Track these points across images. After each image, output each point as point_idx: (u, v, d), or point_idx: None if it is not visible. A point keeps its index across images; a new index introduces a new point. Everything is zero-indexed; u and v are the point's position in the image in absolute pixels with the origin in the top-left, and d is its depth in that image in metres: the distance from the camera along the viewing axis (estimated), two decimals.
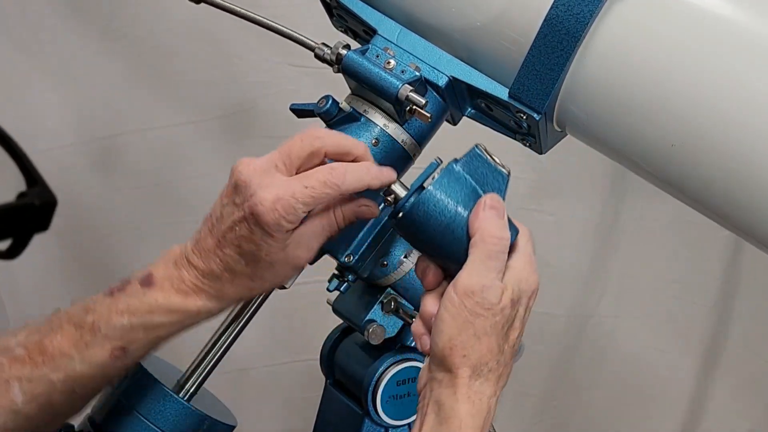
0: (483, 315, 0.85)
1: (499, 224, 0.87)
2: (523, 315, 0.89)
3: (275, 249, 0.89)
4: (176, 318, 0.91)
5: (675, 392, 1.96)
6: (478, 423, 0.85)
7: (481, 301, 0.85)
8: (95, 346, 0.89)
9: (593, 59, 0.93)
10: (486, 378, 0.86)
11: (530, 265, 0.89)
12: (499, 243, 0.86)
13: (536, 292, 0.89)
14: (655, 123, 0.92)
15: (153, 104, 1.80)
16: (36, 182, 0.88)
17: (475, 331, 0.85)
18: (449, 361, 0.86)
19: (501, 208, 0.88)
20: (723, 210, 0.95)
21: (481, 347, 0.85)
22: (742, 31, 0.91)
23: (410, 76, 0.99)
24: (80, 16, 1.76)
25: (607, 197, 1.88)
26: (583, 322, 1.94)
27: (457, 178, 0.90)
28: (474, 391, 0.85)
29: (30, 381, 0.88)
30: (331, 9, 1.09)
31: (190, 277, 0.91)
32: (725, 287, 1.89)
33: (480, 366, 0.86)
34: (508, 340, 0.87)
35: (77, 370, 0.89)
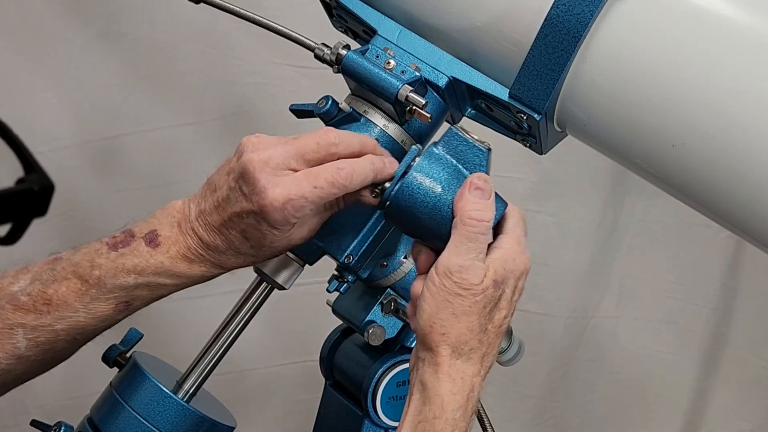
0: (462, 295, 0.86)
1: (481, 205, 0.88)
2: (511, 296, 0.90)
3: (280, 238, 0.92)
4: (180, 281, 0.95)
5: (676, 394, 1.96)
6: (460, 401, 0.87)
7: (459, 281, 0.86)
8: (100, 301, 0.93)
9: (594, 59, 0.93)
10: (468, 357, 0.87)
11: (518, 245, 0.90)
12: (479, 225, 0.88)
13: (525, 273, 0.90)
14: (656, 123, 0.92)
15: (152, 105, 1.81)
16: (33, 169, 0.90)
17: (453, 310, 0.87)
18: (429, 339, 0.87)
19: (487, 188, 0.89)
20: (724, 211, 0.95)
21: (460, 326, 0.87)
22: (745, 30, 0.91)
23: (410, 77, 0.99)
24: (79, 16, 1.76)
25: (607, 198, 1.88)
26: (583, 323, 1.94)
27: (438, 159, 0.92)
28: (456, 369, 0.87)
29: (34, 329, 0.92)
30: (330, 9, 1.09)
31: (194, 245, 0.94)
32: (726, 288, 1.89)
33: (460, 345, 0.87)
34: (493, 321, 0.89)
35: (81, 321, 0.93)
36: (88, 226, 1.85)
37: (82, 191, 1.82)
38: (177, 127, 1.82)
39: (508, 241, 0.90)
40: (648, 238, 1.90)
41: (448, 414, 0.86)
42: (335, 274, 1.07)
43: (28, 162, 0.85)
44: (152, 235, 0.94)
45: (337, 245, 1.03)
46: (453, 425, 0.86)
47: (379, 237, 1.04)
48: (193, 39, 1.77)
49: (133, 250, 0.94)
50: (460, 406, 0.87)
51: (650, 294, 1.93)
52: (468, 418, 0.88)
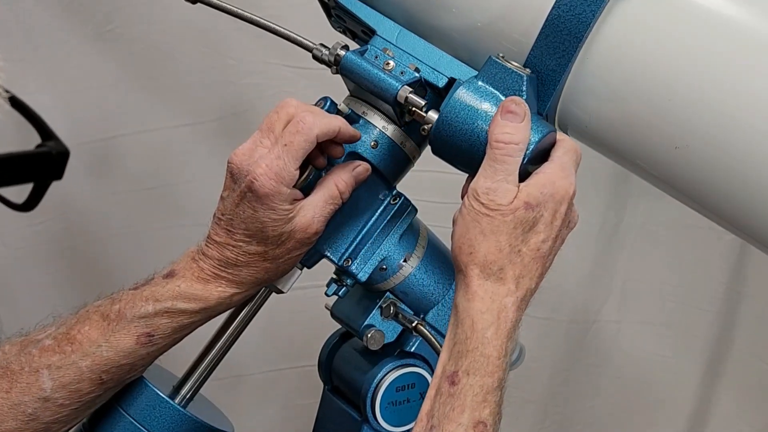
0: (489, 215, 0.89)
1: (510, 128, 0.91)
2: (551, 220, 0.91)
3: (280, 221, 0.94)
4: (198, 305, 0.96)
5: (679, 398, 1.96)
6: (489, 319, 0.89)
7: (486, 202, 0.89)
8: (121, 332, 0.95)
9: (596, 60, 0.93)
10: (498, 277, 0.90)
11: (561, 171, 0.92)
12: (506, 147, 0.90)
13: (568, 199, 0.92)
14: (659, 125, 0.93)
15: (148, 106, 1.81)
16: (50, 137, 0.95)
17: (481, 229, 0.89)
18: (459, 260, 0.91)
19: (520, 110, 0.92)
20: (728, 213, 0.95)
21: (488, 245, 0.89)
22: (749, 31, 0.91)
23: (409, 78, 0.99)
24: (73, 16, 1.76)
25: (609, 200, 1.88)
26: (585, 327, 1.93)
27: (477, 89, 0.94)
28: (484, 289, 0.90)
29: (59, 368, 0.94)
30: (329, 9, 1.09)
31: (207, 266, 0.96)
32: (730, 292, 1.89)
33: (488, 264, 0.89)
34: (528, 243, 0.90)
35: (104, 356, 0.94)
36: (84, 228, 1.84)
37: (78, 193, 1.82)
38: (174, 129, 1.82)
39: (551, 166, 0.92)
40: (650, 240, 1.90)
41: (479, 333, 0.88)
42: (334, 278, 1.07)
43: (45, 131, 0.89)
44: (169, 271, 0.98)
45: (335, 248, 1.03)
46: (484, 343, 0.88)
47: (378, 240, 1.04)
48: (190, 39, 1.77)
49: (151, 284, 0.98)
50: (490, 324, 0.89)
51: (653, 298, 1.92)
52: (502, 338, 0.89)
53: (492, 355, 0.88)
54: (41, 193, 0.87)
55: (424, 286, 1.09)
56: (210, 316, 0.98)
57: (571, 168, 0.93)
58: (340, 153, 1.00)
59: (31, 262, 1.86)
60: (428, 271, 1.08)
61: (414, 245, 1.08)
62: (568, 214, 0.93)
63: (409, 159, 1.05)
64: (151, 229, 1.85)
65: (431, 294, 1.09)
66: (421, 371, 1.10)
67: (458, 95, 0.94)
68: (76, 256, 1.86)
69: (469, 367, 0.88)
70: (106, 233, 1.86)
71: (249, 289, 0.98)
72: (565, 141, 0.94)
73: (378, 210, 1.05)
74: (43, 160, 0.89)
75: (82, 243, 1.86)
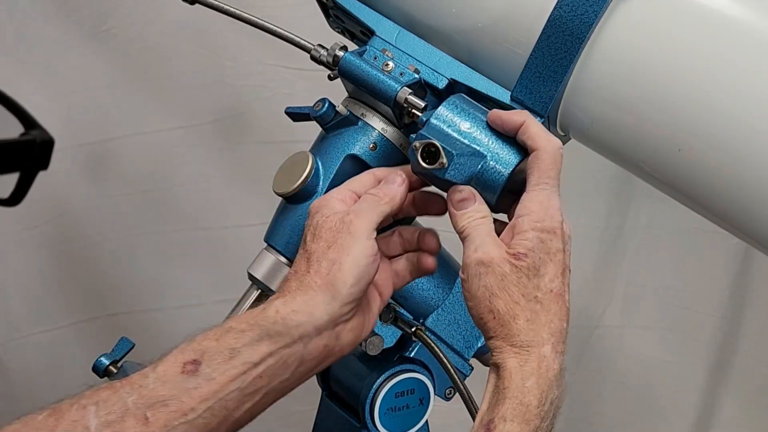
0: (489, 273, 0.89)
1: (467, 215, 0.92)
2: (550, 257, 0.91)
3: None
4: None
5: (683, 404, 1.96)
6: (530, 371, 0.88)
7: (477, 265, 0.90)
8: (167, 359, 0.90)
9: (598, 61, 0.93)
10: (529, 329, 0.89)
11: (540, 206, 0.91)
12: (473, 228, 0.92)
13: (558, 227, 0.92)
14: (662, 127, 0.93)
15: (143, 108, 1.81)
16: (33, 125, 0.93)
17: (490, 289, 0.89)
18: (487, 327, 0.90)
19: (468, 196, 0.92)
20: (732, 217, 0.95)
21: (504, 301, 0.89)
22: (753, 32, 0.91)
23: (409, 79, 1.00)
24: (68, 16, 1.76)
25: (612, 204, 1.88)
26: (588, 332, 1.94)
27: (454, 106, 0.94)
28: (520, 345, 0.89)
29: (105, 403, 0.86)
30: (327, 9, 1.09)
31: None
32: (734, 296, 1.89)
33: (513, 319, 0.89)
34: (540, 288, 0.90)
35: (150, 387, 0.87)
36: (78, 232, 1.84)
37: (72, 196, 1.82)
38: (170, 131, 1.82)
39: (530, 206, 0.91)
40: (654, 244, 1.90)
41: (518, 383, 0.88)
42: None
43: (28, 120, 0.88)
44: None
45: None
46: (524, 393, 0.88)
47: None
48: (186, 40, 1.77)
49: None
50: (531, 374, 0.88)
51: (656, 302, 1.93)
52: (543, 387, 0.88)
53: (531, 404, 0.87)
54: (27, 185, 0.86)
55: (423, 290, 1.09)
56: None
57: (551, 195, 0.91)
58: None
59: (26, 266, 1.86)
60: (428, 276, 1.08)
61: None
62: (563, 240, 0.92)
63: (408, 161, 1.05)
64: (145, 232, 1.85)
65: (431, 298, 1.09)
66: (420, 377, 1.10)
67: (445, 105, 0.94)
68: (70, 261, 1.86)
69: (506, 413, 0.86)
70: (101, 237, 1.86)
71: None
72: (539, 158, 0.92)
73: None
74: (26, 149, 0.87)
75: (76, 247, 1.86)
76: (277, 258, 1.02)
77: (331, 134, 1.03)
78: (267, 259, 1.02)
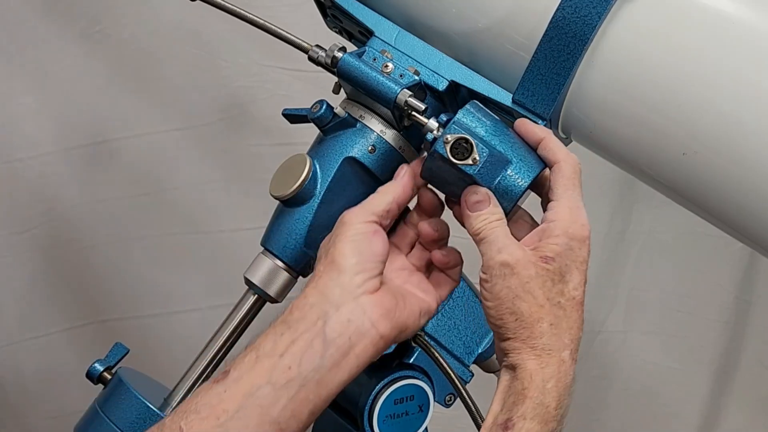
0: (511, 275, 0.91)
1: (483, 216, 0.93)
2: (576, 266, 0.92)
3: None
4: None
5: (687, 410, 1.96)
6: (550, 373, 0.89)
7: (500, 267, 0.91)
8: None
9: (601, 63, 0.93)
10: (552, 333, 0.91)
11: (570, 214, 0.92)
12: (489, 231, 0.93)
13: (587, 238, 0.92)
14: (666, 131, 0.93)
15: (138, 110, 1.81)
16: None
17: (513, 291, 0.91)
18: (507, 329, 0.91)
19: (483, 197, 0.93)
20: (737, 221, 0.95)
21: (528, 304, 0.90)
22: (758, 35, 0.91)
23: (409, 81, 1.00)
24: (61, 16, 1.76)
25: (615, 207, 1.88)
26: (590, 338, 1.93)
27: (477, 109, 0.94)
28: (541, 348, 0.91)
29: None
30: (325, 9, 1.09)
31: None
32: (739, 301, 1.89)
33: (537, 322, 0.91)
34: (564, 294, 0.91)
35: (184, 403, 0.89)
36: (72, 236, 1.84)
37: (65, 200, 1.82)
38: (165, 133, 1.82)
39: (559, 213, 0.92)
40: (657, 249, 1.90)
41: (538, 384, 0.88)
42: None
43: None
44: None
45: None
46: (545, 393, 0.88)
47: None
48: (182, 40, 1.77)
49: None
50: (551, 376, 0.89)
51: (660, 307, 1.93)
52: (561, 390, 0.89)
53: (551, 405, 0.88)
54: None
55: None
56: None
57: (579, 204, 0.92)
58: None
59: (18, 270, 1.86)
60: None
61: None
62: (588, 251, 0.92)
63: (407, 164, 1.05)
64: (140, 236, 1.85)
65: None
66: (420, 383, 1.10)
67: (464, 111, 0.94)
68: (63, 265, 1.86)
69: (526, 412, 0.87)
70: (95, 241, 1.85)
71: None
72: (562, 170, 0.93)
73: None
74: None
75: (69, 251, 1.86)
76: (274, 262, 1.02)
77: (329, 136, 1.03)
78: (264, 264, 1.02)
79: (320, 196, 1.01)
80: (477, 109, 0.94)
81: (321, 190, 1.01)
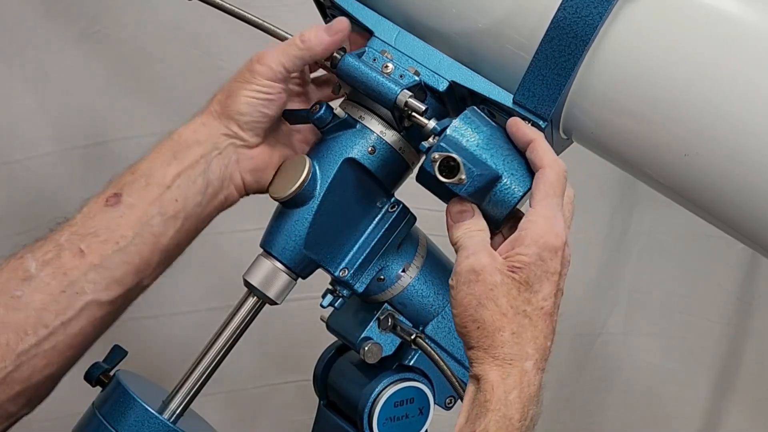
0: (475, 281, 0.91)
1: (464, 227, 0.94)
2: (546, 276, 0.93)
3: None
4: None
5: (688, 413, 1.96)
6: (512, 384, 0.89)
7: (467, 274, 0.92)
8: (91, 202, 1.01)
9: (603, 64, 0.93)
10: (514, 342, 0.91)
11: (546, 223, 0.92)
12: (468, 241, 0.94)
13: (561, 248, 0.93)
14: (668, 132, 0.93)
15: (137, 110, 1.80)
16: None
17: (477, 299, 0.91)
18: (470, 337, 0.92)
19: (467, 208, 0.94)
20: (738, 223, 0.95)
21: (490, 312, 0.90)
22: (760, 35, 0.91)
23: (409, 81, 0.99)
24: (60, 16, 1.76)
25: (615, 208, 1.88)
26: (590, 340, 1.93)
27: (473, 118, 0.94)
28: (503, 357, 0.91)
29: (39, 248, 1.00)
30: (324, 9, 1.09)
31: None
32: (740, 303, 1.89)
33: (499, 331, 0.91)
34: (531, 303, 0.92)
35: (79, 225, 1.01)
36: None
37: (64, 201, 1.81)
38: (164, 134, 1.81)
39: (533, 222, 0.92)
40: (658, 250, 1.90)
41: (500, 396, 0.88)
42: (329, 289, 1.07)
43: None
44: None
45: (331, 258, 1.03)
46: (507, 405, 0.88)
47: (375, 249, 1.04)
48: (181, 41, 1.77)
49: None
50: (513, 387, 0.89)
51: (660, 309, 1.93)
52: (524, 402, 0.89)
53: (514, 417, 0.87)
54: None
55: (423, 297, 1.09)
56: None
57: (556, 213, 0.91)
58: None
59: None
60: (427, 282, 1.08)
61: (413, 255, 1.08)
62: (562, 263, 0.93)
63: (407, 165, 1.05)
64: None
65: (431, 305, 1.09)
66: (420, 385, 1.10)
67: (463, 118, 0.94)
68: None
69: (489, 425, 0.87)
70: None
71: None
72: (545, 176, 0.92)
73: (375, 218, 1.04)
74: None
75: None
76: (273, 264, 1.02)
77: (328, 137, 1.03)
78: (263, 266, 1.02)
79: (320, 197, 1.01)
80: (472, 119, 0.93)
81: (321, 192, 1.01)
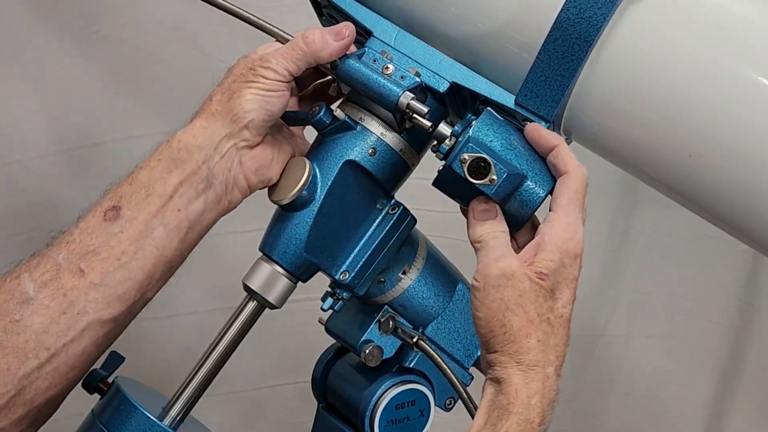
0: (506, 285, 0.91)
1: (488, 225, 0.94)
2: (566, 283, 0.93)
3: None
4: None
5: (690, 415, 1.95)
6: (535, 389, 0.91)
7: (499, 276, 0.92)
8: (90, 213, 0.99)
9: (606, 65, 0.93)
10: (539, 350, 0.91)
11: (567, 230, 0.92)
12: (490, 241, 0.94)
13: (579, 257, 0.93)
14: (671, 133, 0.92)
15: (136, 111, 1.80)
16: None
17: (506, 304, 0.91)
18: (494, 341, 0.92)
19: (491, 208, 0.94)
20: (741, 223, 0.95)
21: (519, 318, 0.91)
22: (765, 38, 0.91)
23: (410, 83, 0.99)
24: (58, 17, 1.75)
25: (616, 209, 1.88)
26: (592, 342, 1.93)
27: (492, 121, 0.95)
28: (527, 363, 0.91)
29: (37, 267, 0.97)
30: (320, 8, 1.09)
31: None
32: (743, 304, 1.89)
33: (526, 337, 0.91)
34: (553, 311, 0.92)
35: (77, 242, 0.96)
36: None
37: (62, 202, 1.81)
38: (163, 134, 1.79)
39: (555, 229, 0.92)
40: (660, 251, 1.90)
41: (523, 399, 0.89)
42: (329, 291, 1.06)
43: None
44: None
45: (332, 261, 1.03)
46: (529, 409, 0.89)
47: (376, 252, 1.03)
48: (180, 41, 1.76)
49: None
50: (536, 392, 0.90)
51: (662, 310, 1.92)
52: (545, 406, 0.91)
53: (535, 421, 0.89)
54: None
55: (423, 299, 1.08)
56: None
57: (578, 220, 0.92)
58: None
59: None
60: (428, 284, 1.08)
61: (413, 257, 1.08)
62: (579, 269, 0.93)
63: (408, 167, 1.05)
64: None
65: (431, 307, 1.09)
66: (421, 388, 1.10)
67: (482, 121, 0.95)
68: None
69: (510, 428, 0.88)
70: None
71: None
72: (569, 182, 0.93)
73: (375, 220, 1.04)
74: None
75: None
76: (273, 268, 1.01)
77: (328, 139, 1.02)
78: (263, 270, 1.01)
79: (321, 200, 1.00)
80: (491, 122, 0.94)
81: (321, 194, 1.00)
